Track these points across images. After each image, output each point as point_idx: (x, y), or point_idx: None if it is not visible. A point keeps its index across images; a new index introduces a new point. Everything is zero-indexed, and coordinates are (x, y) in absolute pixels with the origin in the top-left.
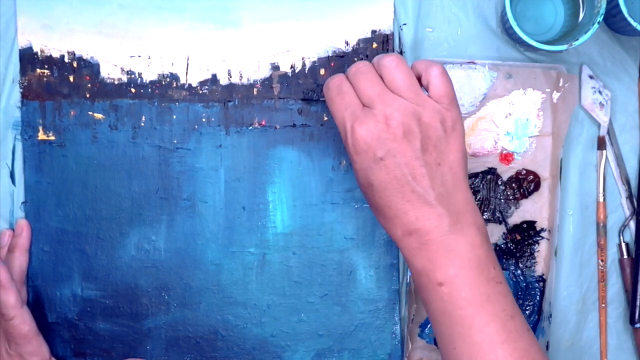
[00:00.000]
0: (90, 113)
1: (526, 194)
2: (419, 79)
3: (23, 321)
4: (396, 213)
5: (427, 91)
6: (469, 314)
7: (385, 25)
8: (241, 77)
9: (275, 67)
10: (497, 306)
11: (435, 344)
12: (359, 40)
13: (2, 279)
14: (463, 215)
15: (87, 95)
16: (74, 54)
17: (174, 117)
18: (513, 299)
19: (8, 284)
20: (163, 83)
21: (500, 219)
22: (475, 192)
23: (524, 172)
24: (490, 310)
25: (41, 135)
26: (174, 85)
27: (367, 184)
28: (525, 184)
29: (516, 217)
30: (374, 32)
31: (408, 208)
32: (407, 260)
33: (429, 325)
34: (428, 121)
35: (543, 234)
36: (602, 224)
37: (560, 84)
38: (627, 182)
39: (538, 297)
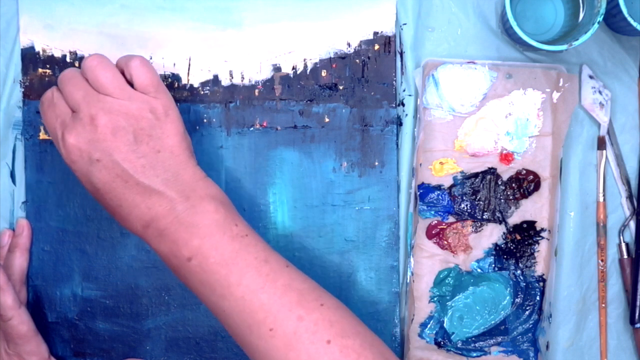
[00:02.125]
0: None
1: (526, 194)
2: (123, 74)
3: (21, 321)
4: (129, 210)
5: (133, 85)
6: (224, 274)
7: (387, 27)
8: (243, 78)
9: (276, 68)
10: (248, 257)
11: (436, 343)
12: (360, 41)
13: (0, 281)
14: (193, 192)
15: None
16: (76, 54)
17: None
18: (265, 246)
19: (5, 286)
20: (165, 83)
21: (500, 219)
22: (475, 192)
23: (524, 172)
24: (242, 264)
25: (42, 135)
26: (176, 85)
27: (93, 189)
28: (525, 184)
29: (516, 217)
30: (375, 33)
31: (138, 201)
32: (154, 249)
33: (429, 325)
34: (137, 113)
35: (543, 234)
36: (602, 224)
37: (560, 84)
38: (627, 182)
39: (538, 297)
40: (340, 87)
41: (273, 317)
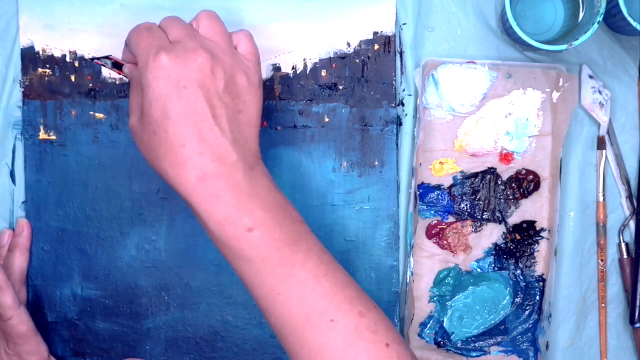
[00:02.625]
0: (91, 113)
1: (526, 194)
2: None
3: (21, 321)
4: (190, 154)
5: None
6: (288, 253)
7: (387, 27)
8: None
9: (276, 68)
10: (309, 242)
11: (436, 343)
12: (360, 41)
13: (0, 281)
14: (255, 164)
15: (89, 95)
16: (76, 54)
17: None
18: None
19: (5, 286)
20: None
21: (500, 219)
22: (475, 192)
23: (524, 172)
24: (304, 247)
25: (42, 135)
26: None
27: (163, 115)
28: (525, 184)
29: (516, 217)
30: (375, 33)
31: (205, 149)
32: (204, 211)
33: (429, 325)
34: (236, 68)
35: (543, 234)
36: (602, 224)
37: (560, 84)
38: (627, 182)
39: (538, 297)
40: (340, 87)
41: (335, 308)
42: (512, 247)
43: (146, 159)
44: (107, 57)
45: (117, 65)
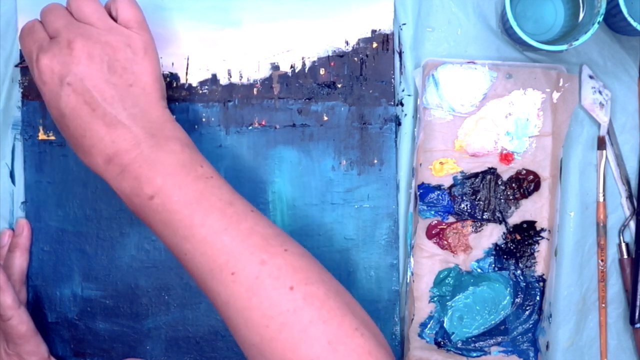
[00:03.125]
0: None
1: (526, 194)
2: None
3: (21, 321)
4: (92, 141)
5: (116, 20)
6: (186, 214)
7: (385, 25)
8: (241, 77)
9: (275, 67)
10: (212, 199)
11: (436, 343)
12: (359, 39)
13: (0, 281)
14: (160, 131)
15: None
16: None
17: (174, 116)
18: (230, 189)
19: (5, 285)
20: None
21: (500, 219)
22: (475, 192)
23: (524, 172)
24: (206, 205)
25: (41, 135)
26: (174, 85)
27: (59, 114)
28: (525, 184)
29: (516, 217)
30: (374, 31)
31: (103, 133)
32: (115, 188)
33: (429, 325)
34: (115, 44)
35: (543, 234)
36: (602, 224)
37: (560, 84)
38: (627, 182)
39: (538, 297)
40: (339, 86)
41: (235, 260)
42: (512, 247)
43: None
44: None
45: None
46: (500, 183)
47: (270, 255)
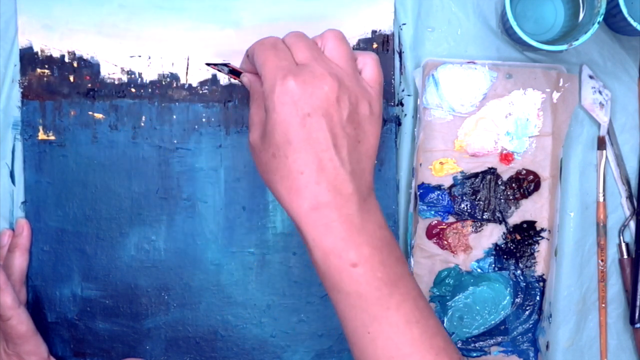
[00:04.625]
0: (90, 113)
1: (526, 194)
2: None
3: (20, 321)
4: (308, 182)
5: (361, 74)
6: (386, 294)
7: (385, 26)
8: None
9: None
10: (408, 285)
11: None
12: (359, 40)
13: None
14: (369, 197)
15: (87, 95)
16: (74, 54)
17: (174, 117)
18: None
19: (4, 285)
20: (163, 83)
21: (500, 219)
22: (475, 192)
23: (524, 172)
24: (403, 290)
25: (41, 135)
26: (174, 85)
27: (285, 141)
28: (525, 184)
29: (516, 217)
30: (374, 32)
31: (322, 178)
32: (312, 239)
33: None
34: (360, 97)
35: (543, 234)
36: (602, 224)
37: (560, 84)
38: (627, 182)
39: (538, 297)
40: None
41: (420, 356)
42: (512, 247)
43: (261, 176)
44: (225, 64)
45: (234, 72)
46: (500, 183)
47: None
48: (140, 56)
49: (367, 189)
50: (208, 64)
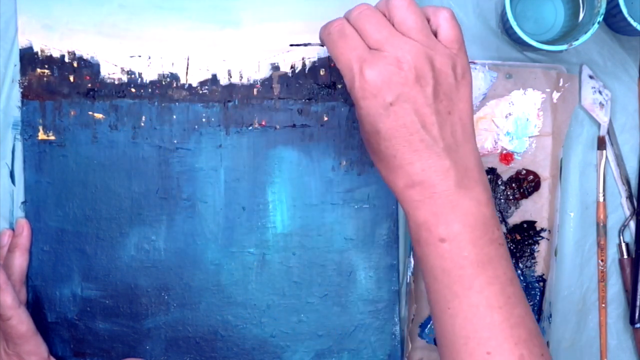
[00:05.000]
0: (90, 113)
1: (526, 194)
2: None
3: (20, 321)
4: (401, 163)
5: (436, 36)
6: (470, 274)
7: None
8: (241, 77)
9: (275, 68)
10: (498, 269)
11: (436, 343)
12: None
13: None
14: (470, 171)
15: (87, 95)
16: (74, 54)
17: (174, 117)
18: (512, 264)
19: (4, 285)
20: (163, 83)
21: (500, 219)
22: None
23: (524, 172)
24: (491, 273)
25: (41, 135)
26: (174, 85)
27: (374, 131)
28: (525, 184)
29: (516, 217)
30: None
31: (414, 158)
32: (407, 213)
33: (429, 325)
34: (440, 67)
35: (543, 234)
36: (602, 224)
37: (560, 84)
38: (627, 182)
39: (538, 297)
40: (339, 86)
41: (496, 342)
42: (512, 247)
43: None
44: (306, 44)
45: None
46: (500, 183)
47: (529, 353)
48: (140, 56)
49: (469, 159)
50: (291, 44)
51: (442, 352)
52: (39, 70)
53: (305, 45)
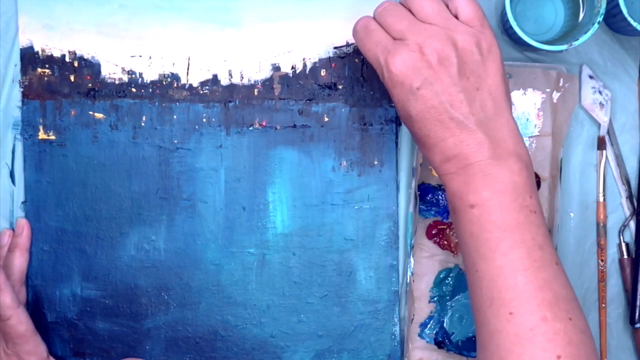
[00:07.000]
0: (90, 113)
1: None
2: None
3: (20, 321)
4: (435, 141)
5: (457, 18)
6: (495, 237)
7: None
8: (242, 77)
9: (276, 68)
10: (526, 234)
11: (435, 343)
12: None
13: None
14: (504, 142)
15: (88, 95)
16: (75, 54)
17: (175, 117)
18: (546, 232)
19: (4, 285)
20: (164, 83)
21: None
22: None
23: None
24: (518, 237)
25: (41, 135)
26: (175, 85)
27: (406, 115)
28: None
29: None
30: None
31: (447, 135)
32: (445, 184)
33: (429, 325)
34: (463, 45)
35: None
36: (602, 224)
37: (560, 84)
38: (627, 182)
39: None
40: (340, 87)
41: (519, 303)
42: None
43: None
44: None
45: None
46: None
47: (553, 316)
48: (140, 56)
49: (503, 131)
50: (335, 48)
51: (474, 316)
52: (39, 69)
53: (347, 45)
